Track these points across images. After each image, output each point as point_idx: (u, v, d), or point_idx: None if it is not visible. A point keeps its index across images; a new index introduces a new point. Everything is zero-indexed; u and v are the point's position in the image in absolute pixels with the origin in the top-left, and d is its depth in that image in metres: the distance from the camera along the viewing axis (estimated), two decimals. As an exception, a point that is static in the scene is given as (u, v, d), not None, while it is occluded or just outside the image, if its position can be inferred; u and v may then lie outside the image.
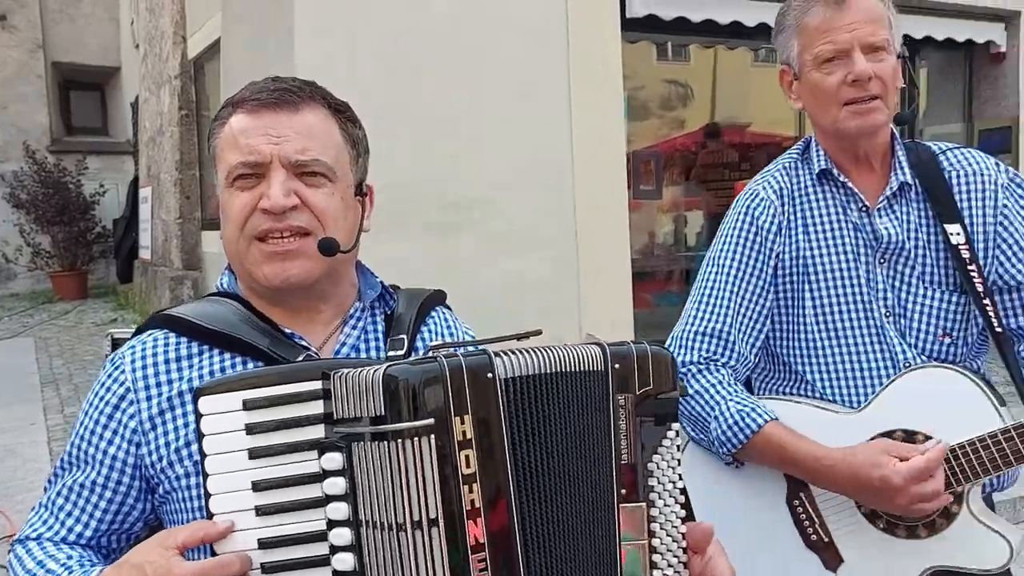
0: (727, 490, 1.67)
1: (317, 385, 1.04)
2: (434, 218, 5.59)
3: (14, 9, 12.06)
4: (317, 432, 1.03)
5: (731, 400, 1.60)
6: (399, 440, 0.96)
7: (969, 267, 1.57)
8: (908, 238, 1.62)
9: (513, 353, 1.05)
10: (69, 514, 1.16)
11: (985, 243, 1.61)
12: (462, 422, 0.98)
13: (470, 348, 1.06)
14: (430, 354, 1.03)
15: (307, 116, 1.18)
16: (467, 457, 0.98)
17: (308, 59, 5.30)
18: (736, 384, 1.64)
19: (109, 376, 1.19)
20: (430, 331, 1.33)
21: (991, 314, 1.57)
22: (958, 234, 1.58)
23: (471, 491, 0.97)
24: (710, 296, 1.67)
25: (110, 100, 13.83)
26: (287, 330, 1.20)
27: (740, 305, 1.66)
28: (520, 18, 5.79)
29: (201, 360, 1.18)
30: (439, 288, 1.41)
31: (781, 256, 1.66)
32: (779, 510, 1.64)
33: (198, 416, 1.02)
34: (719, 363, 1.65)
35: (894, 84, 1.57)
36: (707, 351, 1.65)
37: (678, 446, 1.12)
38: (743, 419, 1.58)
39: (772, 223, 1.65)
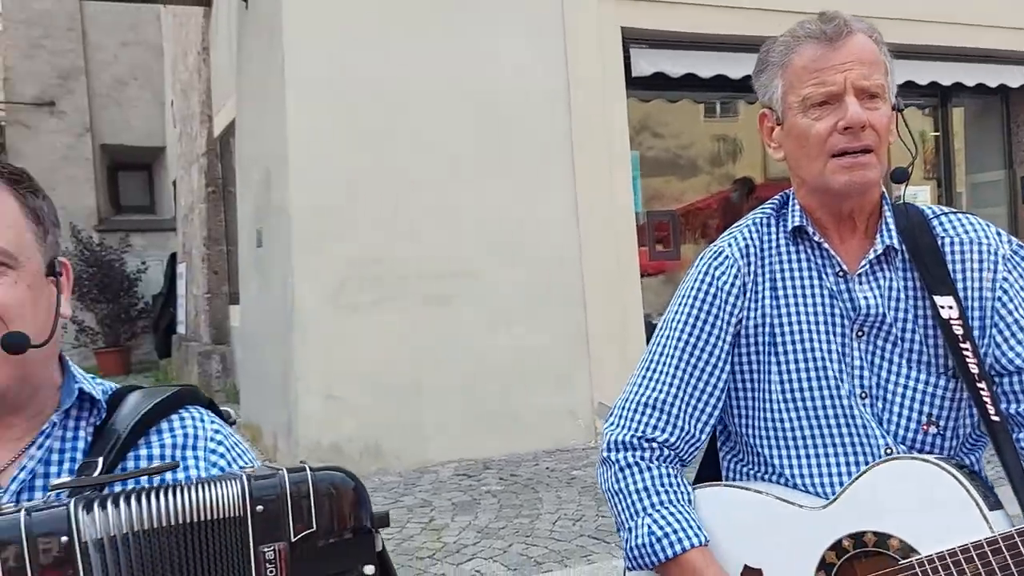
0: None
1: None
2: (433, 289, 5.48)
3: (61, 96, 12.62)
4: None
5: (650, 515, 1.39)
6: None
7: (962, 345, 1.35)
8: (890, 309, 1.42)
9: (117, 502, 0.84)
10: None
11: (981, 320, 1.39)
12: None
13: (59, 495, 0.86)
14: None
15: None
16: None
17: (301, 138, 5.31)
18: (670, 487, 1.42)
19: None
20: (158, 444, 1.09)
21: (987, 401, 1.34)
22: (950, 307, 1.37)
23: None
24: (658, 363, 1.47)
25: (156, 179, 14.25)
26: None
27: (690, 375, 1.45)
28: (520, 85, 5.72)
29: None
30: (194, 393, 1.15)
31: (744, 322, 1.46)
32: None
33: None
34: (657, 443, 1.44)
35: (888, 137, 1.39)
36: (645, 424, 1.44)
37: None
38: (651, 544, 1.36)
39: (734, 284, 1.46)
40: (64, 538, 0.79)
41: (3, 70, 12.91)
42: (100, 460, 0.99)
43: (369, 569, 0.91)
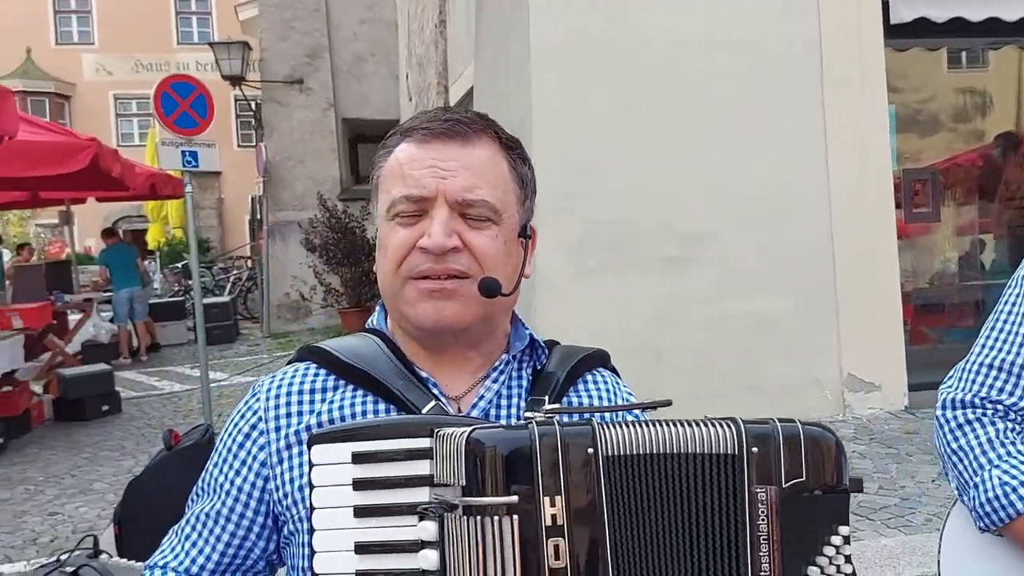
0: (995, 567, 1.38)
1: (427, 443, 0.95)
2: (673, 251, 5.41)
3: (309, 74, 13.68)
4: (422, 495, 0.94)
5: (998, 467, 1.32)
6: (479, 516, 0.86)
7: None
8: None
9: (625, 426, 0.90)
10: (194, 544, 1.13)
11: None
12: (552, 504, 0.85)
13: (582, 416, 0.93)
14: (526, 419, 0.91)
15: (477, 151, 1.09)
16: (556, 548, 0.85)
17: (544, 99, 5.39)
18: (1015, 443, 1.35)
19: (245, 404, 1.15)
20: (585, 393, 1.18)
21: None
22: None
23: (557, 587, 0.84)
24: (1004, 323, 1.41)
25: (392, 150, 15.15)
26: (423, 374, 1.12)
27: None
28: (768, 37, 5.47)
29: (335, 395, 1.12)
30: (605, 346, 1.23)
31: None
32: None
33: (310, 465, 0.97)
34: (1002, 405, 1.37)
35: None
36: (989, 387, 1.38)
37: (846, 557, 0.89)
38: (1006, 495, 1.29)
39: None
40: (590, 449, 0.87)
41: (259, 51, 14.17)
42: (546, 399, 1.09)
43: (844, 529, 0.90)
